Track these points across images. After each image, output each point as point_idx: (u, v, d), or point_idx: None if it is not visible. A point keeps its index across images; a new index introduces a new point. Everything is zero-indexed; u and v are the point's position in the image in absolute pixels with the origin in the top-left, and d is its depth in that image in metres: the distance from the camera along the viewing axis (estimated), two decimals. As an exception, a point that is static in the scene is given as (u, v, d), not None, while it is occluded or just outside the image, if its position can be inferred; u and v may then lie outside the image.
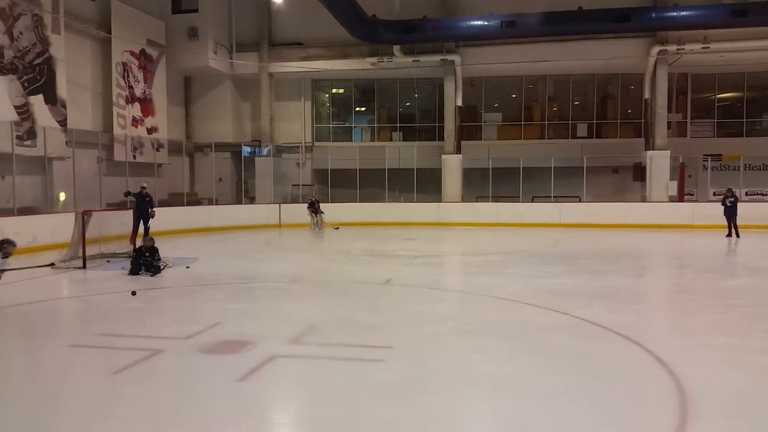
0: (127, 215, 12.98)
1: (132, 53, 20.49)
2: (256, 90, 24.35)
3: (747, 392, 4.63)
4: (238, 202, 23.12)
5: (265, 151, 23.98)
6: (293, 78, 24.49)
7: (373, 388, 4.71)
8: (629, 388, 4.71)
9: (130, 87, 20.45)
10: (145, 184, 15.97)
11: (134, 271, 10.39)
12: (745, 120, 23.98)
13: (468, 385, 4.80)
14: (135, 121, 20.64)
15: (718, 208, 17.21)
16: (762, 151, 22.24)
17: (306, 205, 20.18)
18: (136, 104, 20.79)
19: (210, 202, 21.67)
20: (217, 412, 4.28)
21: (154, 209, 15.05)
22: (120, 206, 16.82)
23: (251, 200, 23.31)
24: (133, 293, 8.40)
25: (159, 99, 22.11)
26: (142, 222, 14.79)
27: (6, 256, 7.86)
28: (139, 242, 15.51)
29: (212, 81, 24.17)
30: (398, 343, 5.98)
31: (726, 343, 6.02)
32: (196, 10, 22.64)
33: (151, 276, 10.20)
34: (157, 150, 21.12)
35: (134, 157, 20.11)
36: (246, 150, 23.53)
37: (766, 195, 20.94)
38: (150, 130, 21.46)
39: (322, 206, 20.07)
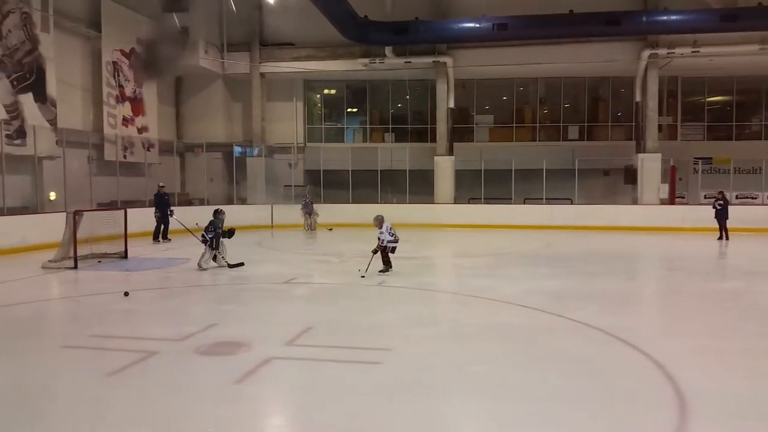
0: (119, 215, 12.87)
1: (122, 52, 20.34)
2: (248, 90, 24.25)
3: (743, 394, 4.65)
4: (230, 202, 22.97)
5: (256, 151, 23.89)
6: (285, 78, 24.42)
7: (371, 390, 4.69)
8: (627, 391, 4.72)
9: (121, 86, 20.30)
10: (163, 184, 16.80)
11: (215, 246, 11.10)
12: (734, 123, 24.22)
13: (466, 388, 4.79)
14: (125, 121, 20.48)
15: (708, 211, 17.35)
16: (752, 154, 22.41)
17: (299, 206, 20.11)
18: (127, 103, 20.63)
19: (201, 203, 21.54)
20: (216, 414, 4.26)
21: (173, 208, 15.53)
22: (110, 206, 16.73)
23: (242, 201, 23.20)
24: (126, 294, 8.33)
25: (149, 98, 21.96)
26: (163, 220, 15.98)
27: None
28: (162, 241, 15.76)
29: (203, 81, 24.05)
30: (395, 345, 5.97)
31: (720, 345, 6.06)
32: (187, 10, 22.49)
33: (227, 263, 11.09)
34: (148, 150, 20.98)
35: (125, 156, 19.96)
36: (237, 150, 23.43)
37: (756, 198, 21.14)
38: (140, 130, 21.31)
39: (316, 207, 20.01)
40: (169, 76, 20.95)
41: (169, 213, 15.59)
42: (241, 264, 11.34)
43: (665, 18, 20.31)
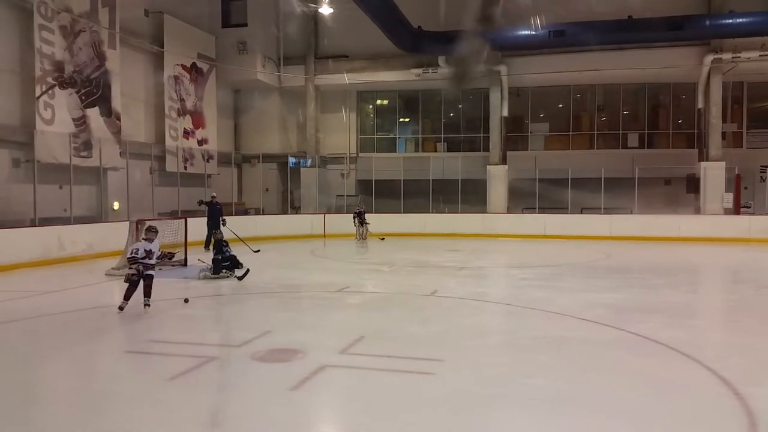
0: (179, 224, 13.27)
1: (183, 67, 21.09)
2: (303, 102, 24.69)
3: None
4: (284, 212, 23.44)
5: (310, 162, 24.26)
6: (339, 90, 24.74)
7: (425, 401, 4.66)
8: (692, 408, 4.53)
9: (182, 100, 21.03)
10: (215, 194, 17.08)
11: (217, 271, 11.09)
12: (805, 129, 23.00)
13: (522, 401, 4.69)
14: (186, 133, 21.19)
15: (777, 222, 16.49)
16: (823, 160, 21.25)
17: (352, 215, 20.23)
18: (188, 116, 21.36)
19: (257, 212, 22.02)
20: (272, 420, 4.32)
21: (225, 218, 15.86)
22: (171, 216, 17.27)
23: (296, 210, 23.59)
24: (186, 300, 8.57)
25: (209, 111, 22.67)
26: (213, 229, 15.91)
27: (150, 240, 8.08)
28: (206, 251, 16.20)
29: (260, 94, 24.64)
30: (447, 355, 5.91)
31: (794, 363, 5.73)
32: (246, 25, 23.16)
33: (234, 276, 10.94)
34: (207, 161, 21.62)
35: (185, 168, 20.63)
36: (292, 161, 23.86)
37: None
38: (200, 142, 22.01)
39: (368, 216, 20.10)
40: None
41: (222, 222, 15.94)
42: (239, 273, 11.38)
43: (731, 21, 19.52)
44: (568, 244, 18.66)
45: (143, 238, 8.34)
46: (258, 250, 16.04)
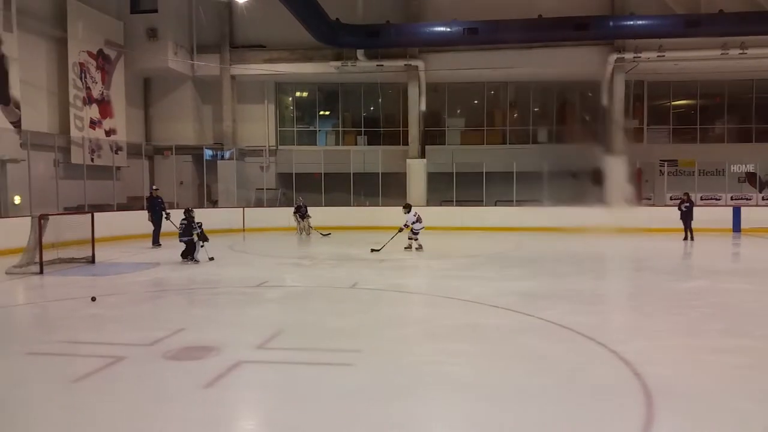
0: (86, 219, 12.61)
1: (89, 53, 19.98)
2: (218, 92, 24.01)
3: (707, 390, 4.77)
4: (200, 206, 22.70)
5: (227, 154, 23.65)
6: (256, 80, 24.24)
7: (342, 392, 4.69)
8: (597, 389, 4.80)
9: (88, 88, 19.92)
10: (155, 186, 16.65)
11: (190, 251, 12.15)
12: (698, 126, 24.84)
13: (438, 389, 4.81)
14: (93, 123, 20.11)
15: (674, 212, 17.75)
16: (715, 156, 23.05)
17: (292, 210, 19.77)
18: (94, 106, 20.27)
19: (170, 206, 21.19)
20: (184, 419, 4.21)
21: (168, 211, 15.46)
22: (78, 210, 16.37)
23: (214, 204, 22.94)
24: (93, 299, 8.17)
25: (117, 100, 21.60)
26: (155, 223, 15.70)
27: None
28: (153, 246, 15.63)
29: (172, 83, 23.73)
30: (366, 346, 5.97)
31: (686, 343, 6.20)
32: (156, 11, 22.22)
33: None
34: (116, 153, 20.61)
35: (92, 159, 19.59)
36: (208, 153, 23.16)
37: (719, 199, 21.68)
38: (108, 133, 20.94)
39: (310, 210, 19.67)
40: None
41: (165, 216, 15.39)
42: (212, 258, 12.51)
43: (631, 23, 20.79)
44: (484, 236, 19.25)
45: None
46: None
